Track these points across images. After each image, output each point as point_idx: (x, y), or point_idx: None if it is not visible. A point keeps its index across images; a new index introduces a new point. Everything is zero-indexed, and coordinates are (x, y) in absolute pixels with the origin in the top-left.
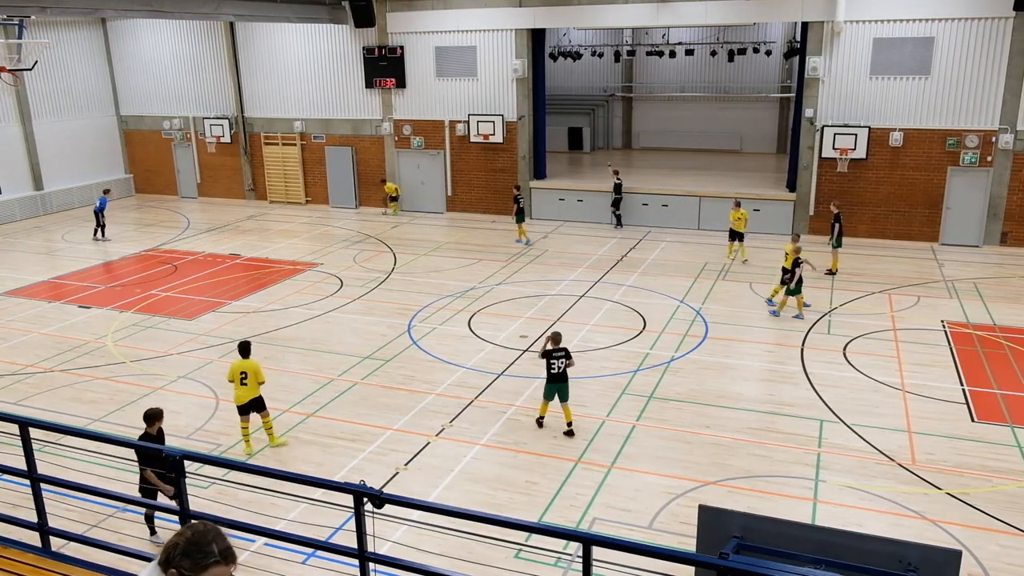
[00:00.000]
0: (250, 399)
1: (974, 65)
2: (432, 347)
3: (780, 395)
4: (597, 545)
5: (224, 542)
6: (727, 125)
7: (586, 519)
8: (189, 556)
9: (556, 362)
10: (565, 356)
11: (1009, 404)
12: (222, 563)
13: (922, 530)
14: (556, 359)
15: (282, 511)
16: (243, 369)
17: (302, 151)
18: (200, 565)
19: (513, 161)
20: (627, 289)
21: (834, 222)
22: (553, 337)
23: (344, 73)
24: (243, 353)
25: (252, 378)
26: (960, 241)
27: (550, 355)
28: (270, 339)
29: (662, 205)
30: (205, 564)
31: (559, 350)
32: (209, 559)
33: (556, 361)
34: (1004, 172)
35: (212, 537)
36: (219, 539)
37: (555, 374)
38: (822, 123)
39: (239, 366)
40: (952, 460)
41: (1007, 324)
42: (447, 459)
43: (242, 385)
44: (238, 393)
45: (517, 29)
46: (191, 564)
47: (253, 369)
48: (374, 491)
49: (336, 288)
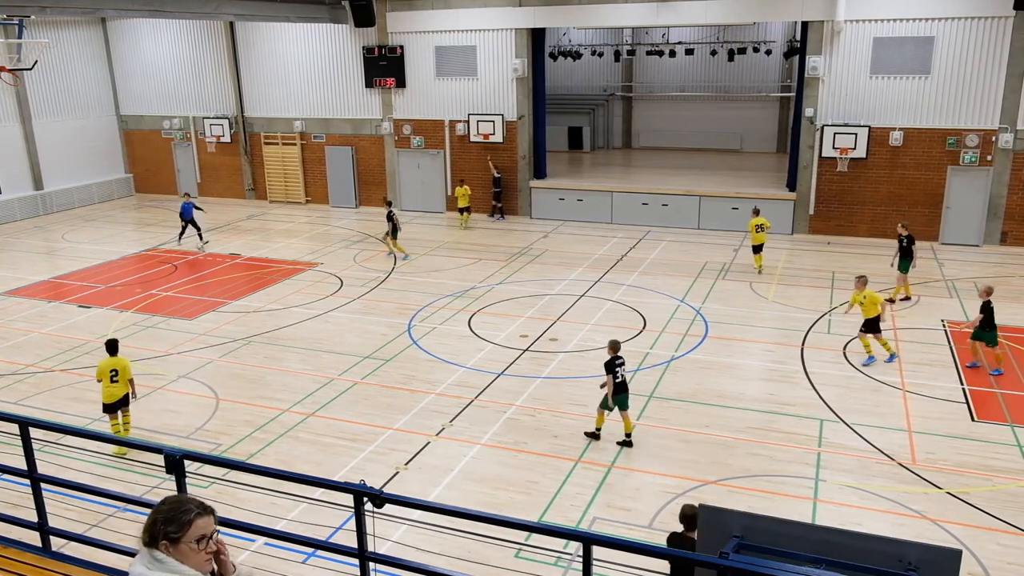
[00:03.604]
0: (122, 396)
1: (974, 64)
2: (432, 347)
3: (780, 394)
4: (597, 544)
5: (197, 500)
6: (727, 124)
7: (586, 518)
8: (172, 521)
9: (620, 370)
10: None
11: (1009, 403)
12: (203, 514)
13: (922, 529)
14: (621, 367)
15: (282, 511)
16: (113, 367)
17: (302, 151)
18: (184, 522)
19: (513, 160)
20: (627, 288)
21: (909, 244)
22: (612, 345)
23: (344, 73)
24: (111, 351)
25: (122, 375)
26: (960, 240)
27: (614, 364)
28: (270, 339)
29: (662, 204)
30: (189, 520)
31: (620, 357)
32: (191, 514)
33: (620, 369)
34: (1004, 171)
35: (185, 499)
36: (192, 499)
37: (620, 383)
38: (822, 122)
39: (109, 364)
40: (952, 459)
41: (1007, 323)
42: (447, 459)
43: (112, 383)
44: (109, 391)
45: (517, 29)
46: (176, 526)
47: (123, 366)
48: (374, 491)
49: (336, 288)
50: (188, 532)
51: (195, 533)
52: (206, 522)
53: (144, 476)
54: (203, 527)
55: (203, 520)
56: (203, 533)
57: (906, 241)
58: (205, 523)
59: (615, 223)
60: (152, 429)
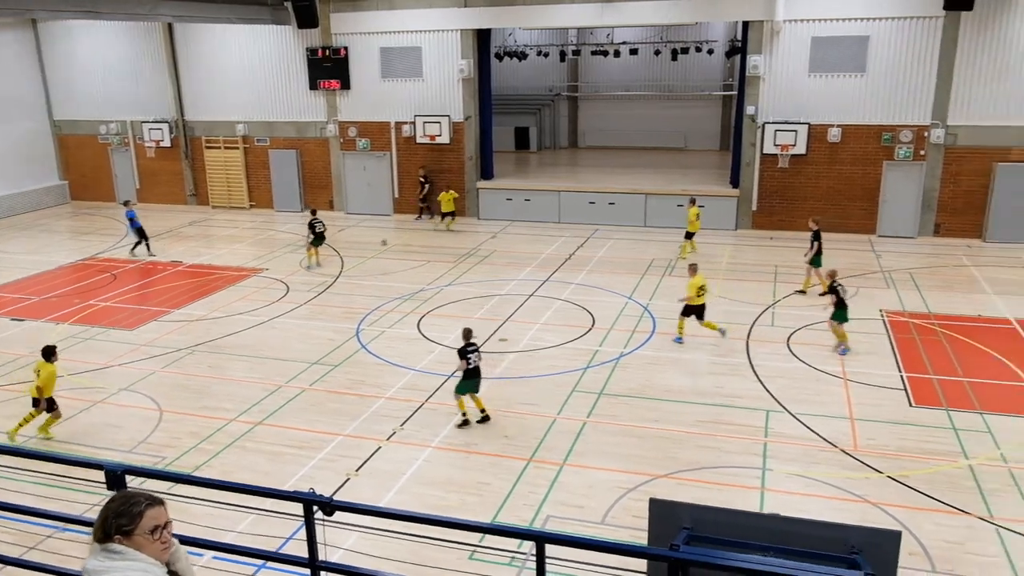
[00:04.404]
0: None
1: (907, 62)
2: (381, 350)
3: (727, 387)
4: (550, 543)
5: (146, 493)
6: (671, 123)
7: (539, 517)
8: (123, 514)
9: (473, 356)
10: (478, 350)
11: (944, 388)
12: (154, 505)
13: (865, 513)
14: (472, 352)
15: (231, 523)
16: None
17: (245, 155)
18: (135, 514)
19: (460, 162)
20: (575, 287)
21: (813, 239)
22: (464, 332)
23: (287, 75)
24: (44, 355)
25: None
26: (896, 232)
27: (465, 351)
28: (215, 347)
29: (609, 203)
30: (140, 511)
31: (472, 344)
32: (141, 506)
33: (472, 356)
34: (936, 165)
35: (134, 492)
36: (141, 492)
37: (472, 369)
38: (763, 120)
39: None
40: (892, 444)
41: (941, 312)
42: (398, 463)
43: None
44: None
45: (462, 29)
46: (128, 519)
47: (43, 374)
48: (324, 499)
49: (282, 293)
50: (140, 523)
51: (148, 524)
52: (157, 512)
53: (84, 494)
54: (155, 517)
55: (154, 511)
56: (156, 523)
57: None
58: (156, 513)
59: (563, 222)
60: (93, 444)
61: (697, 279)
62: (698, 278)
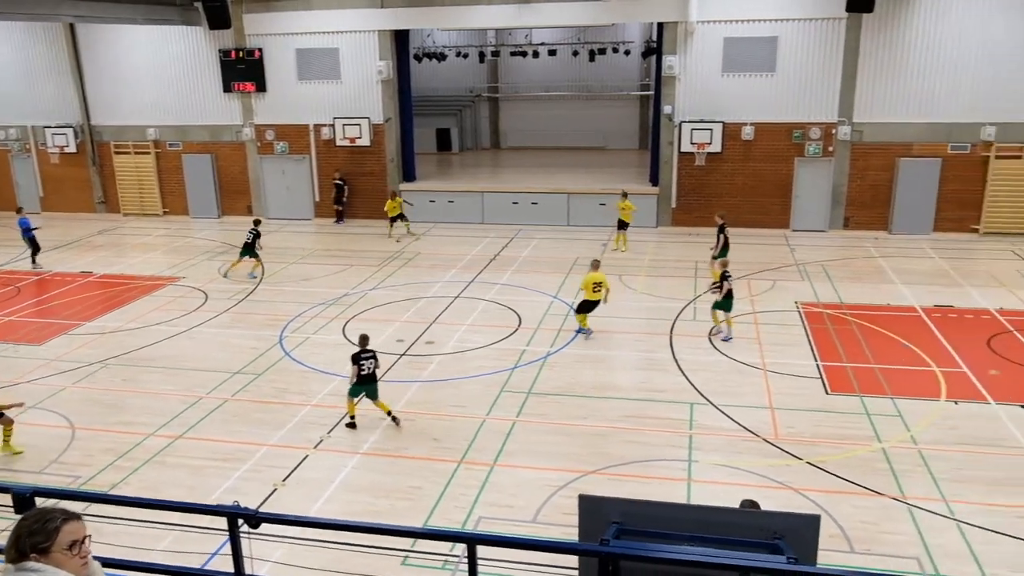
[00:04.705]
0: None
1: (814, 62)
2: (306, 357)
3: (652, 382)
4: (481, 544)
5: (61, 508)
6: (591, 123)
7: (471, 519)
8: (38, 532)
9: (366, 363)
10: (373, 357)
11: (857, 375)
12: (70, 520)
13: (787, 499)
14: (366, 360)
15: (152, 541)
16: None
17: (157, 160)
18: (51, 530)
19: (382, 164)
20: (501, 287)
21: (719, 234)
22: (360, 339)
23: (200, 77)
24: None
25: None
26: (808, 227)
27: (359, 357)
28: (130, 360)
29: (532, 203)
30: (56, 527)
31: (368, 351)
32: (57, 521)
33: (366, 362)
34: (844, 161)
35: (47, 509)
36: (55, 508)
37: (366, 375)
38: (680, 119)
39: None
40: (810, 431)
41: (853, 301)
42: (327, 471)
43: None
44: None
45: (380, 30)
46: (44, 536)
47: None
48: (249, 511)
49: (201, 302)
50: (57, 539)
51: (65, 539)
52: (74, 527)
53: None
54: (72, 532)
55: (70, 525)
56: (74, 538)
57: (726, 229)
58: (73, 528)
59: (487, 223)
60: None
61: (595, 275)
62: (596, 274)
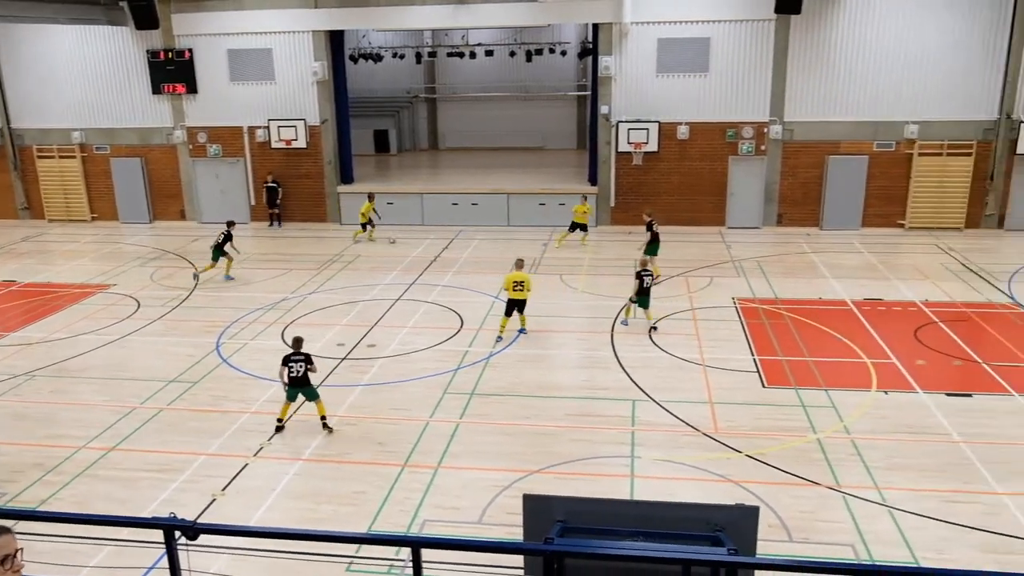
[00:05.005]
0: None
1: (745, 63)
2: (244, 363)
3: (594, 380)
4: (425, 547)
5: None
6: (530, 123)
7: (416, 522)
8: None
9: (295, 366)
10: (306, 361)
11: (792, 368)
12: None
13: (728, 492)
14: (295, 363)
15: (85, 558)
16: None
17: (84, 164)
18: None
19: (319, 166)
20: (442, 289)
21: (647, 229)
22: (293, 341)
23: (127, 78)
24: None
25: None
26: (743, 224)
27: (288, 359)
28: (58, 371)
29: (472, 204)
30: None
31: (299, 355)
32: None
33: (295, 365)
34: (776, 159)
35: None
36: None
37: (296, 377)
38: (617, 119)
39: None
40: (749, 424)
41: (787, 296)
42: (268, 479)
43: None
44: None
45: (314, 31)
46: None
47: None
48: (186, 522)
49: (132, 309)
50: None
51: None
52: (5, 541)
53: None
54: (4, 546)
55: (2, 539)
56: (6, 552)
57: (655, 226)
58: (5, 542)
59: (426, 224)
60: None
61: (515, 274)
62: (517, 273)
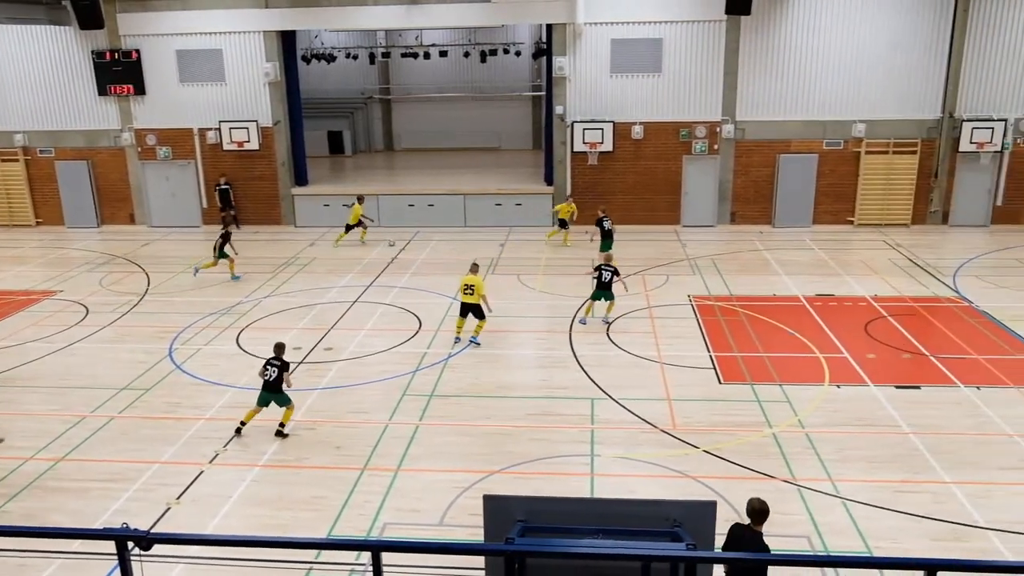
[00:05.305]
0: None
1: (697, 63)
2: (198, 369)
3: (553, 379)
4: (386, 551)
5: None
6: (485, 124)
7: (377, 526)
8: None
9: (270, 370)
10: (281, 368)
11: (747, 364)
12: None
13: (686, 487)
14: (271, 367)
15: (34, 571)
16: None
17: (27, 167)
18: None
19: (272, 168)
20: (400, 291)
21: (597, 225)
22: (275, 347)
23: (72, 80)
24: None
25: None
26: (698, 222)
27: (265, 363)
28: (4, 380)
29: (428, 205)
30: None
31: (276, 359)
32: None
33: (269, 369)
34: (729, 158)
35: None
36: None
37: (268, 381)
38: (572, 119)
39: None
40: (706, 420)
41: (741, 293)
42: (224, 486)
43: None
44: None
45: (265, 31)
46: None
47: None
48: (139, 532)
49: (81, 316)
50: None
51: None
52: None
53: None
54: None
55: None
56: None
57: (608, 223)
58: None
59: (383, 226)
60: None
61: (467, 278)
62: (469, 277)
